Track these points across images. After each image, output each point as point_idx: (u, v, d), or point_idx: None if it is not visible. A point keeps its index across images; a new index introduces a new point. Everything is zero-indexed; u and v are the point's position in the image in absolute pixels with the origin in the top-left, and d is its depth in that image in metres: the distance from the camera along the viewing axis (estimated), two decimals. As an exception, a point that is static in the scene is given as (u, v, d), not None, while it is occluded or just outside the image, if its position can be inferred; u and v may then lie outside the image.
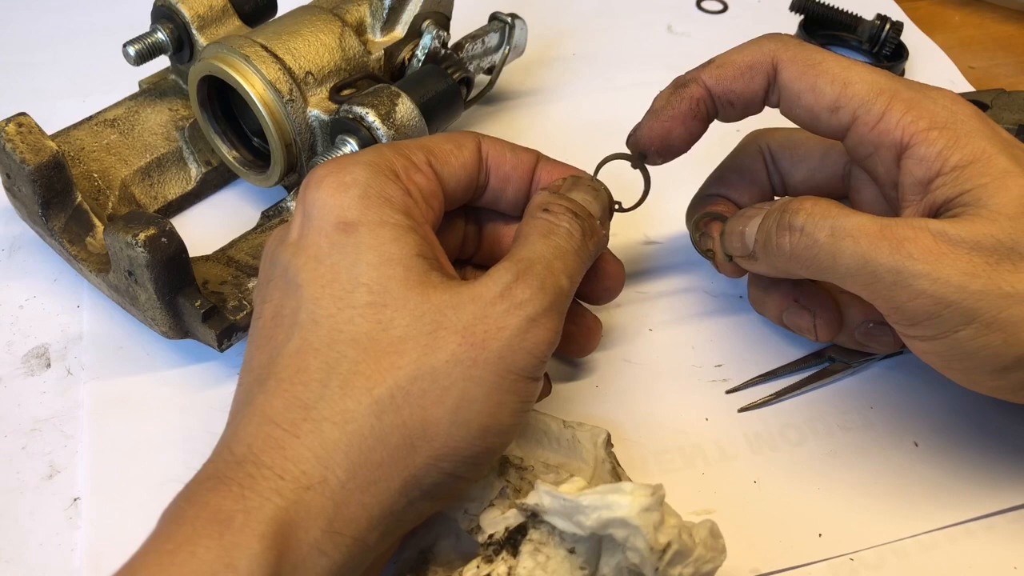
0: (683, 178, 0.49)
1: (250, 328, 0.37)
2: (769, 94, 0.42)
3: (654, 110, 0.43)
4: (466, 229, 0.44)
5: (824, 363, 0.48)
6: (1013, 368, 0.36)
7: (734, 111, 0.42)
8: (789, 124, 0.43)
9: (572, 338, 0.44)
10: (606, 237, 0.42)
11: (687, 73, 0.43)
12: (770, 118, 0.45)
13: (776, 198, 0.47)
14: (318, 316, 0.34)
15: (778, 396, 0.46)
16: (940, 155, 0.38)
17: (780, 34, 0.42)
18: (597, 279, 0.43)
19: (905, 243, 0.36)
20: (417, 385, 0.33)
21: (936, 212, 0.38)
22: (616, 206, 0.43)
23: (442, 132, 0.45)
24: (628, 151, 0.44)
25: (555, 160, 0.42)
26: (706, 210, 0.47)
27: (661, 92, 0.43)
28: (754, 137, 0.47)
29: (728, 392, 0.47)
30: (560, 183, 0.41)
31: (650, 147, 0.43)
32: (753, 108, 0.42)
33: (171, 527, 0.31)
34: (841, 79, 0.39)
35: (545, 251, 0.37)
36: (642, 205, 0.44)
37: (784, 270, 0.41)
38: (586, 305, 0.45)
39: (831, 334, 0.45)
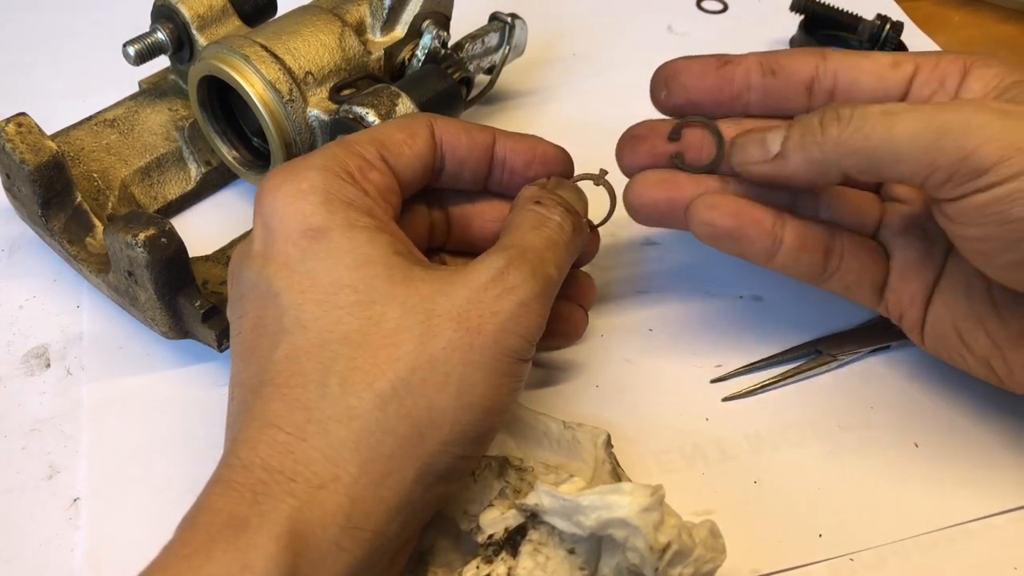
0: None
1: (231, 344, 0.37)
2: (817, 80, 0.42)
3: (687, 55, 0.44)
4: (431, 216, 0.44)
5: (811, 355, 0.48)
6: None
7: (775, 81, 0.43)
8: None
9: (553, 330, 0.43)
10: (588, 235, 0.42)
11: None
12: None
13: None
14: (303, 320, 0.34)
15: (764, 386, 0.47)
16: (998, 75, 0.39)
17: None
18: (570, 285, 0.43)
19: (969, 102, 0.36)
20: (417, 375, 0.33)
21: None
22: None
23: (394, 119, 0.46)
24: (591, 172, 0.44)
25: (512, 133, 0.43)
26: (690, 116, 0.45)
27: None
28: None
29: (713, 381, 0.47)
30: (545, 181, 0.42)
31: (660, 74, 0.44)
32: (796, 88, 0.43)
33: (186, 534, 0.31)
34: (891, 52, 0.42)
35: (537, 241, 0.38)
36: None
37: (822, 162, 0.39)
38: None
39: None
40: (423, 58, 0.55)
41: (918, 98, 0.41)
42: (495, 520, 0.36)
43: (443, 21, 0.56)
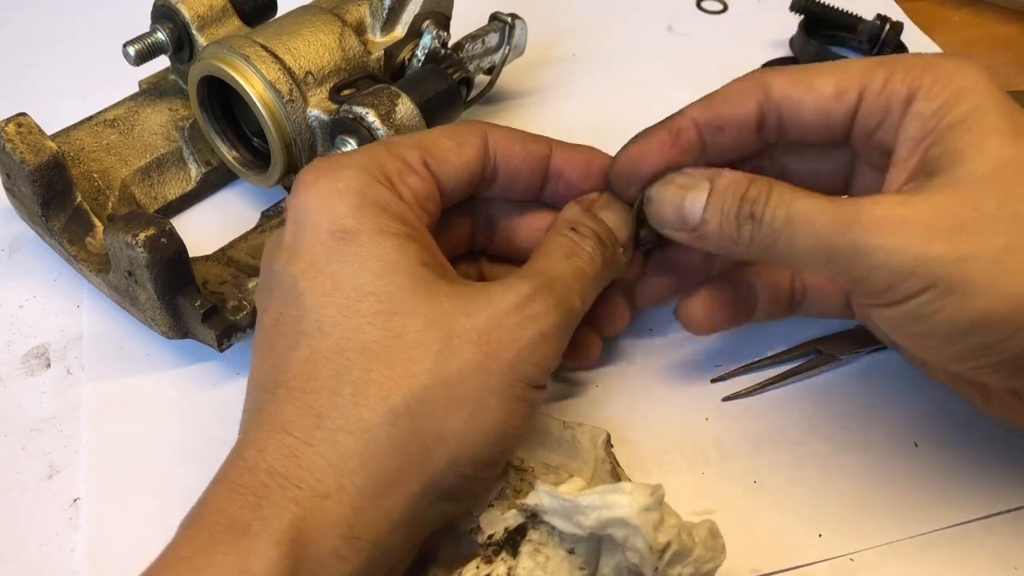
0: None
1: (254, 335, 0.37)
2: (764, 120, 0.39)
3: (633, 137, 0.41)
4: (475, 220, 0.43)
5: (810, 355, 0.48)
6: (968, 333, 0.34)
7: (725, 138, 0.40)
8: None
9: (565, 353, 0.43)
10: (625, 264, 0.41)
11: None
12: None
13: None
14: (324, 324, 0.34)
15: (764, 386, 0.47)
16: (937, 113, 0.36)
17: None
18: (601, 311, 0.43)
19: (861, 217, 0.34)
20: (431, 393, 0.33)
21: (919, 173, 0.37)
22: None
23: (447, 124, 0.45)
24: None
25: (571, 144, 0.42)
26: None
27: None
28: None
29: (713, 381, 0.47)
30: (595, 197, 0.41)
31: (620, 172, 0.41)
32: (747, 135, 0.40)
33: (188, 534, 0.31)
34: (838, 68, 0.39)
35: (566, 271, 0.37)
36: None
37: (733, 253, 0.39)
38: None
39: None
40: (423, 58, 0.55)
41: (863, 131, 0.39)
42: (495, 520, 0.36)
43: (443, 21, 0.56)
